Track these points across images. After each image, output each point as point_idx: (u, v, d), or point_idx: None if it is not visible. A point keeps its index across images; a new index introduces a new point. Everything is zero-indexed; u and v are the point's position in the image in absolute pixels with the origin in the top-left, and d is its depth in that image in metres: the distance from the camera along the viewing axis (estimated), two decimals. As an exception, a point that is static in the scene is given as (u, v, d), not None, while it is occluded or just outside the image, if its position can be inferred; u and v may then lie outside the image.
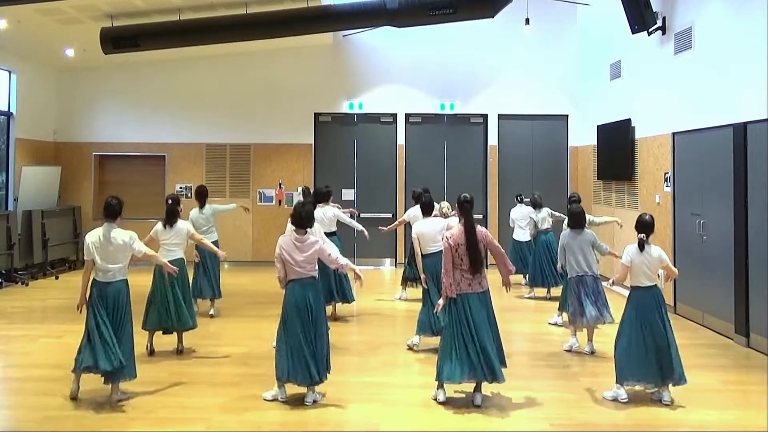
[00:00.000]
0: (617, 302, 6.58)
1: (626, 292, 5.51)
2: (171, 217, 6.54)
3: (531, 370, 6.14)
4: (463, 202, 5.25)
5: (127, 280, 5.28)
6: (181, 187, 12.45)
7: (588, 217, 8.21)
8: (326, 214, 8.01)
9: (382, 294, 9.67)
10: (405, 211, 12.34)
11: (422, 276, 6.59)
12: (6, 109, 11.09)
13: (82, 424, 4.75)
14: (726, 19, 7.42)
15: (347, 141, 12.64)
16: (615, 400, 5.22)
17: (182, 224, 6.61)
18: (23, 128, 11.39)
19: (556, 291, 9.40)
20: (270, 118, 12.46)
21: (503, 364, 5.22)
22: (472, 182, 12.36)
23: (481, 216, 12.11)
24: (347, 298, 7.88)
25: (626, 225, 9.93)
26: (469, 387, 5.26)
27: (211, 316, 8.03)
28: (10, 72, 11.15)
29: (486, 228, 10.78)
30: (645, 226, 5.37)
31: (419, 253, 6.58)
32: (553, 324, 7.80)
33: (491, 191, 12.32)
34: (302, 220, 5.22)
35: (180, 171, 12.48)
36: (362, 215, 12.26)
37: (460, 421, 4.88)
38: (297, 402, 5.19)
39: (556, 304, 7.99)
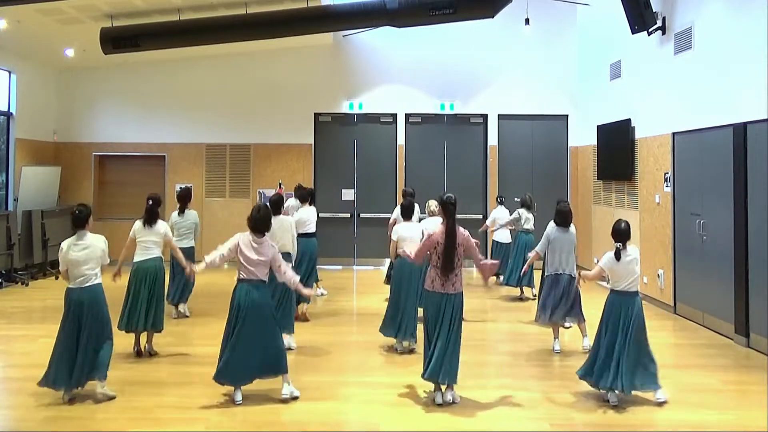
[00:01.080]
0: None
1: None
2: (151, 217, 6.56)
3: (530, 370, 6.14)
4: (446, 203, 5.21)
5: (101, 283, 5.30)
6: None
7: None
8: (309, 214, 8.22)
9: (383, 294, 9.64)
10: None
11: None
12: (6, 109, 11.09)
13: (82, 425, 4.75)
14: (726, 19, 7.42)
15: (347, 141, 12.64)
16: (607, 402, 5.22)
17: (161, 225, 6.62)
18: (23, 128, 11.39)
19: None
20: (270, 118, 12.46)
21: (451, 371, 5.16)
22: (472, 182, 12.37)
23: (480, 216, 12.10)
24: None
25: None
26: (465, 387, 5.26)
27: (185, 316, 8.06)
28: (10, 72, 11.15)
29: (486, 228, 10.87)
30: (621, 234, 5.33)
31: (393, 253, 6.76)
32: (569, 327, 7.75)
33: (491, 191, 12.31)
34: (257, 224, 5.24)
35: (180, 171, 12.48)
36: (362, 215, 12.30)
37: (460, 421, 4.88)
38: (296, 402, 5.20)
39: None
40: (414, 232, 6.66)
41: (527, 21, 11.19)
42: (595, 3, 11.32)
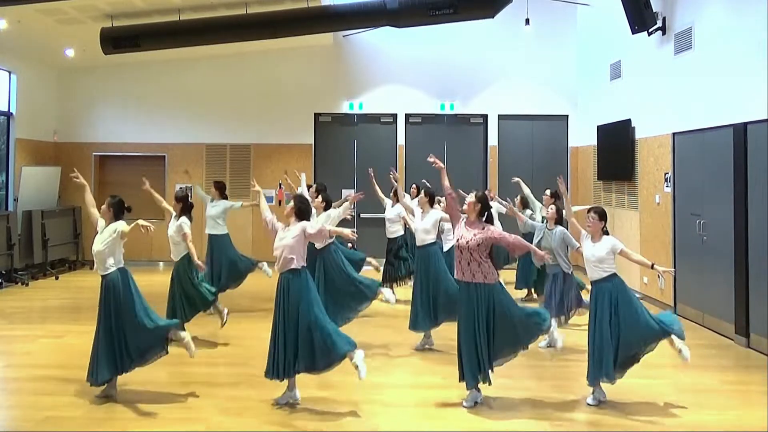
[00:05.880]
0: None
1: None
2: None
3: (530, 370, 6.13)
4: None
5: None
6: (181, 187, 12.39)
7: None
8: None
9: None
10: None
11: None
12: (6, 110, 11.09)
13: (81, 424, 4.76)
14: (726, 19, 7.42)
15: (347, 141, 12.64)
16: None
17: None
18: (23, 128, 11.38)
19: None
20: (270, 118, 12.46)
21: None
22: (473, 182, 12.33)
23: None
24: None
25: (627, 226, 9.94)
26: (465, 387, 5.24)
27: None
28: (10, 72, 11.15)
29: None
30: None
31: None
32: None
33: (491, 191, 12.29)
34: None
35: (180, 171, 12.45)
36: (362, 215, 12.28)
37: (460, 422, 4.89)
38: (296, 402, 5.20)
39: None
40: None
41: (527, 21, 11.21)
42: (595, 3, 11.32)
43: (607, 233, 5.41)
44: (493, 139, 12.47)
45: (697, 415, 5.05)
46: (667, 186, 8.68)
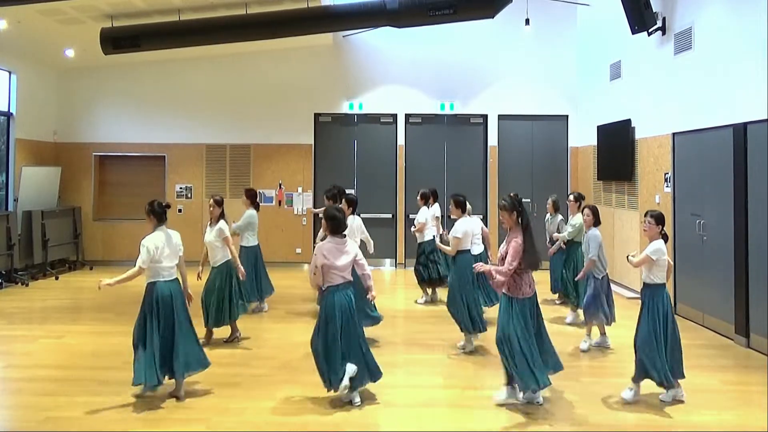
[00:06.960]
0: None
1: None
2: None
3: (531, 371, 6.13)
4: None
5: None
6: (181, 188, 12.45)
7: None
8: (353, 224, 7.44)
9: (383, 294, 9.65)
10: (405, 211, 12.40)
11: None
12: (6, 110, 11.09)
13: (81, 425, 4.76)
14: (726, 19, 7.42)
15: (347, 141, 12.64)
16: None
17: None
18: (23, 128, 11.39)
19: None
20: (270, 118, 12.46)
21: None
22: (472, 182, 12.37)
23: (481, 216, 12.11)
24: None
25: (627, 226, 9.96)
26: (466, 387, 5.25)
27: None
28: (10, 72, 11.15)
29: (486, 228, 10.85)
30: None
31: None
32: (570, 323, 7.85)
33: (491, 191, 12.32)
34: (341, 224, 5.35)
35: (180, 171, 12.48)
36: (362, 215, 12.25)
37: (460, 422, 4.88)
38: (296, 402, 5.20)
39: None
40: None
41: (527, 21, 11.22)
42: (595, 3, 11.33)
43: (665, 239, 5.28)
44: (493, 139, 12.47)
45: (697, 415, 5.05)
46: (667, 186, 8.68)
